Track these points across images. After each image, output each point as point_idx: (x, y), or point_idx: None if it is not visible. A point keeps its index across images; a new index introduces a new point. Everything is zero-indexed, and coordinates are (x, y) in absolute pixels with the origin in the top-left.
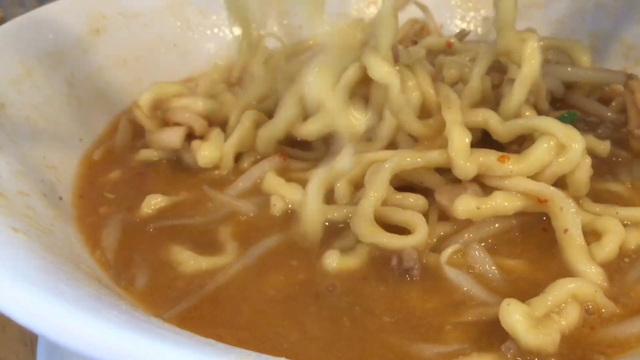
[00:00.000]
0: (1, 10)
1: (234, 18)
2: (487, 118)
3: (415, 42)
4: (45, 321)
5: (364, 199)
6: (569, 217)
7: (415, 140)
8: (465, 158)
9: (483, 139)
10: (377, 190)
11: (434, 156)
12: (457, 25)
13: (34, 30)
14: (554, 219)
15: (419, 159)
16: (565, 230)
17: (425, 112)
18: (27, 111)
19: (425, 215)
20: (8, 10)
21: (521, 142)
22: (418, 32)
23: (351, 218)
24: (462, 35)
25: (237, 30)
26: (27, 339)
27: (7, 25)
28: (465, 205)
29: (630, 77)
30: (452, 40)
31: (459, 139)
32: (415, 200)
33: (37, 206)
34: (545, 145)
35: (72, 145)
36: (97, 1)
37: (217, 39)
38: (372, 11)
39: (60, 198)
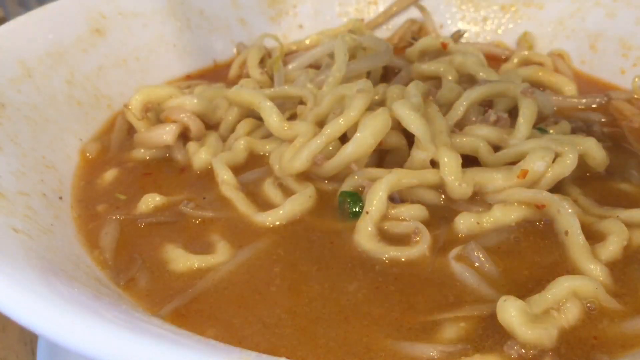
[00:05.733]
0: (1, 10)
1: None
2: (477, 147)
3: (412, 43)
4: (45, 321)
5: (363, 218)
6: (567, 218)
7: None
8: (459, 180)
9: None
10: (375, 207)
11: (429, 176)
12: (457, 25)
13: (34, 30)
14: (554, 222)
15: (414, 179)
16: (566, 232)
17: None
18: (27, 111)
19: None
20: (8, 10)
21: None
22: (416, 32)
23: (354, 236)
24: (457, 35)
25: (236, 30)
26: (27, 339)
27: (7, 25)
28: (465, 222)
29: (609, 97)
30: (448, 41)
31: (450, 162)
32: (416, 211)
33: (37, 206)
34: (540, 160)
35: (72, 146)
36: (97, 1)
37: (217, 39)
38: (372, 11)
39: (60, 198)
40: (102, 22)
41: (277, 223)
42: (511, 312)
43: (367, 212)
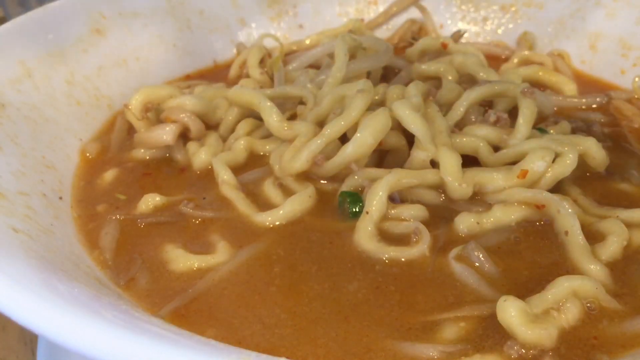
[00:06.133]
0: (1, 10)
1: None
2: (477, 147)
3: (412, 43)
4: (45, 321)
5: (363, 218)
6: (567, 219)
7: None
8: (459, 180)
9: None
10: (375, 207)
11: (429, 176)
12: (457, 25)
13: (34, 30)
14: (554, 222)
15: (414, 179)
16: (566, 232)
17: None
18: (27, 111)
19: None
20: (8, 10)
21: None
22: (416, 32)
23: (354, 236)
24: (457, 36)
25: (236, 30)
26: (27, 339)
27: (7, 25)
28: (465, 222)
29: (610, 97)
30: (448, 41)
31: (450, 162)
32: (416, 211)
33: (37, 206)
34: (540, 160)
35: (72, 146)
36: (97, 1)
37: (217, 39)
38: (372, 11)
39: (60, 198)
40: (102, 22)
41: (277, 223)
42: (511, 312)
43: (367, 212)
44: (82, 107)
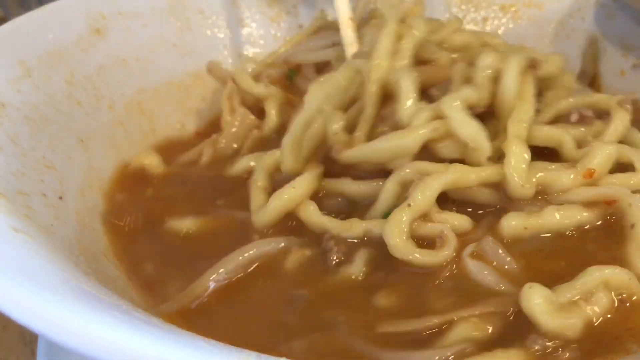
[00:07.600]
0: (1, 10)
1: None
2: (562, 139)
3: None
4: (45, 321)
5: (401, 209)
6: (637, 212)
7: None
8: (524, 180)
9: None
10: (421, 201)
11: (489, 174)
12: None
13: (34, 30)
14: (621, 216)
15: (475, 178)
16: (632, 226)
17: None
18: (27, 111)
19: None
20: (8, 10)
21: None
22: None
23: (384, 226)
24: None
25: (236, 30)
26: (27, 339)
27: (7, 25)
28: (512, 224)
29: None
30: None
31: (517, 158)
32: (460, 222)
33: (37, 206)
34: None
35: (72, 146)
36: (97, 1)
37: (217, 39)
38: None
39: (60, 198)
40: (102, 22)
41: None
42: (536, 299)
43: (409, 205)
44: (82, 107)
